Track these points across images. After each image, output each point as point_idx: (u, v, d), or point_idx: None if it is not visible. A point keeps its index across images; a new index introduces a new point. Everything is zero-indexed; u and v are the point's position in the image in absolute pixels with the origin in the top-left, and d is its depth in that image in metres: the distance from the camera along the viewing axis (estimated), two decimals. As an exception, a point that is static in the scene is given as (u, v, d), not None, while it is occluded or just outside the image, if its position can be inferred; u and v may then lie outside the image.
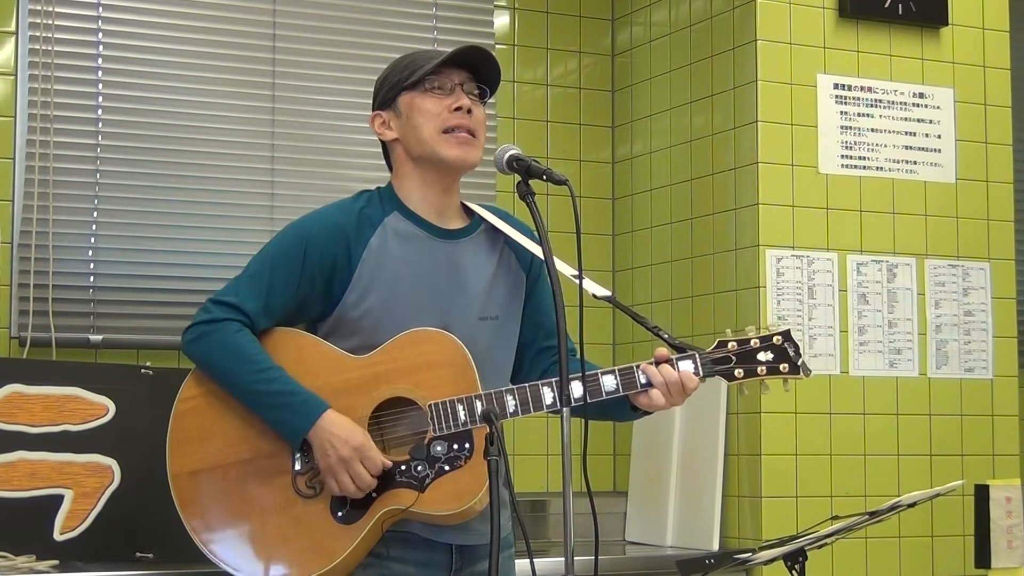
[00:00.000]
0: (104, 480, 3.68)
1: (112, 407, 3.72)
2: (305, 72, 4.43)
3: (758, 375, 2.70)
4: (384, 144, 2.87)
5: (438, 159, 2.74)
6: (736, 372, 2.70)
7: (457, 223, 2.82)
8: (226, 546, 2.67)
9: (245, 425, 2.69)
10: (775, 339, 2.71)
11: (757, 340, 2.71)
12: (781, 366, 2.70)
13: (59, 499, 3.63)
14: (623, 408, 2.74)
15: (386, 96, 2.81)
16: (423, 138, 2.74)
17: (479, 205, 2.89)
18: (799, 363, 2.71)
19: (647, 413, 2.76)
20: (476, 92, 2.80)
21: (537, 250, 2.79)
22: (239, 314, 2.69)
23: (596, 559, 2.62)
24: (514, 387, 2.66)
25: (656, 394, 2.67)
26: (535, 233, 2.88)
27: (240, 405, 2.69)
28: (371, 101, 2.91)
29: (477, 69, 2.80)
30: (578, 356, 2.87)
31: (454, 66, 2.77)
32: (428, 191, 2.78)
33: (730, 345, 2.71)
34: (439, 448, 2.63)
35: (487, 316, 2.76)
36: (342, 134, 4.45)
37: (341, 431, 2.61)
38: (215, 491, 2.69)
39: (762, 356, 2.70)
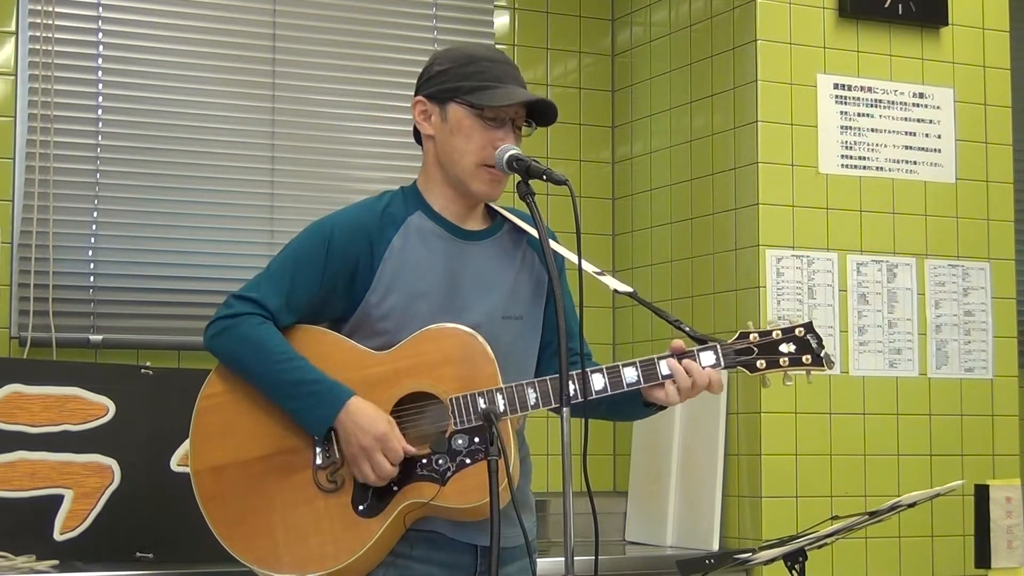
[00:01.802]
0: (104, 480, 3.68)
1: (112, 407, 3.72)
2: (305, 72, 4.43)
3: (780, 367, 2.68)
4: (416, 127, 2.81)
5: (466, 188, 2.74)
6: (758, 363, 2.68)
7: (480, 224, 2.81)
8: (247, 541, 2.66)
9: (267, 421, 2.69)
10: (797, 331, 2.70)
11: (779, 331, 2.69)
12: (804, 357, 2.68)
13: (59, 499, 3.63)
14: (635, 406, 2.74)
15: (439, 93, 2.74)
16: (458, 163, 2.72)
17: (502, 207, 2.88)
18: (822, 355, 2.69)
19: (660, 409, 2.75)
20: (524, 123, 2.76)
21: (560, 250, 2.79)
22: (261, 309, 2.68)
23: (596, 559, 2.62)
24: (535, 380, 2.66)
25: (673, 390, 2.67)
26: (556, 235, 2.89)
27: (261, 401, 2.69)
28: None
29: (535, 104, 2.76)
30: (592, 358, 2.88)
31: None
32: (451, 201, 2.77)
33: (752, 336, 2.70)
34: (460, 442, 2.63)
35: (510, 315, 2.76)
36: (342, 134, 4.45)
37: (364, 420, 2.60)
38: (236, 487, 2.68)
39: (784, 348, 2.69)
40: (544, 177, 2.58)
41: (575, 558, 2.34)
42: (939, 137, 4.42)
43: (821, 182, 4.25)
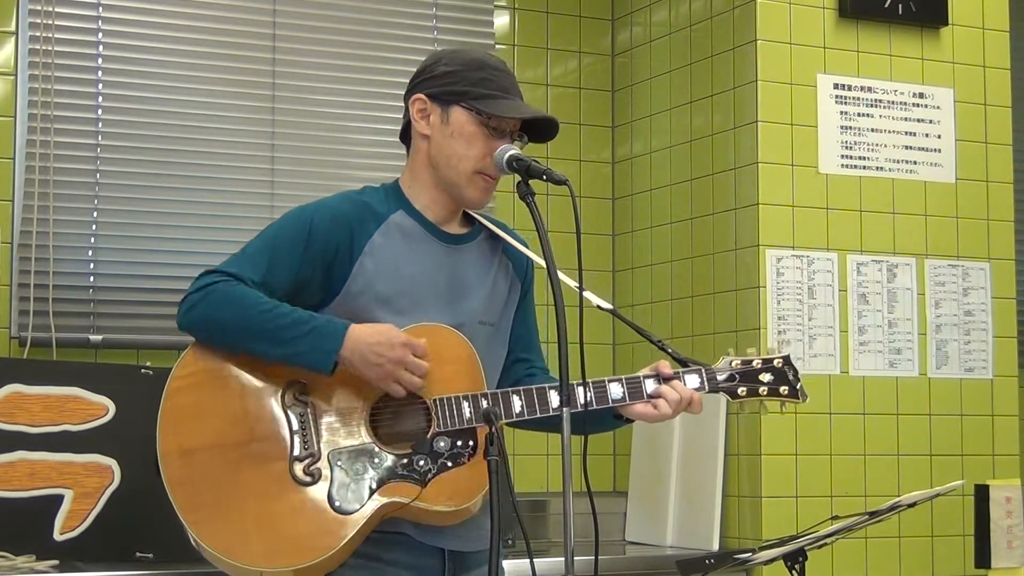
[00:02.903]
0: (104, 480, 3.68)
1: (112, 407, 3.73)
2: (305, 72, 4.43)
3: (759, 395, 2.75)
4: (407, 123, 2.79)
5: (458, 193, 2.73)
6: (739, 390, 2.75)
7: (460, 229, 2.81)
8: (215, 529, 2.59)
9: (243, 405, 2.63)
10: (776, 362, 2.76)
11: (759, 361, 2.76)
12: (781, 388, 2.76)
13: (59, 499, 3.63)
14: (605, 417, 2.75)
15: (442, 91, 2.71)
16: (455, 168, 2.70)
17: (478, 213, 2.87)
18: (797, 387, 2.76)
19: (629, 422, 2.76)
20: (520, 136, 2.75)
21: (535, 258, 2.78)
22: (235, 279, 2.63)
23: (596, 559, 2.62)
24: (520, 388, 2.65)
25: (663, 405, 2.67)
26: (527, 242, 2.88)
27: (238, 384, 2.63)
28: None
29: (533, 120, 2.75)
30: (549, 373, 2.87)
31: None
32: (435, 202, 2.76)
33: (733, 363, 2.76)
34: (442, 444, 2.61)
35: (486, 321, 2.76)
36: (342, 133, 4.45)
37: (380, 336, 2.56)
38: (207, 472, 2.61)
39: (764, 377, 2.75)
40: (544, 177, 2.57)
41: (575, 558, 2.34)
42: (939, 137, 4.42)
43: (821, 182, 4.25)
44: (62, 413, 3.68)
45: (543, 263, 2.65)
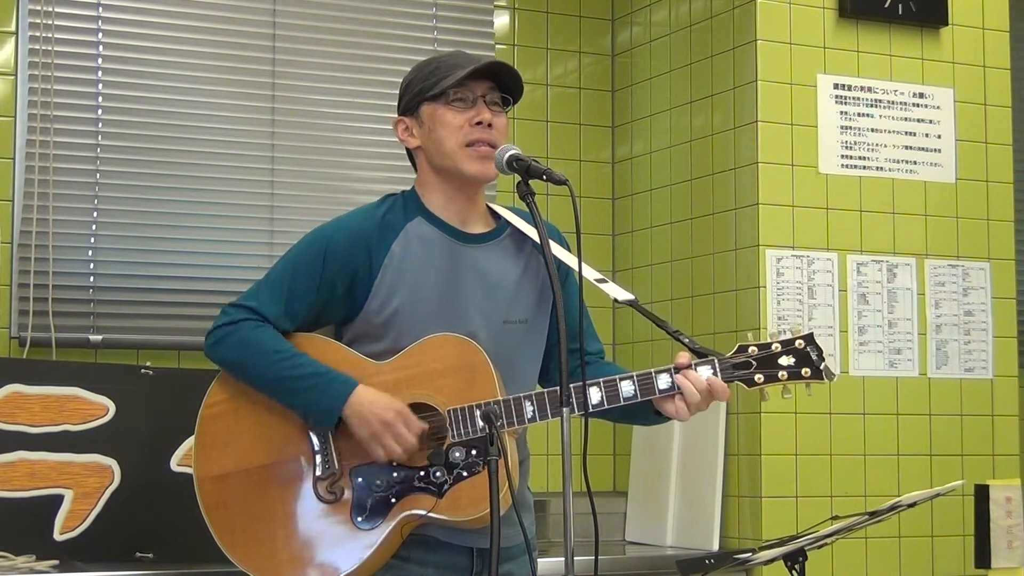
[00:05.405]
0: (104, 480, 3.68)
1: (112, 407, 3.73)
2: (305, 72, 4.43)
3: (779, 380, 2.65)
4: (407, 149, 2.87)
5: (459, 173, 2.75)
6: (756, 377, 2.65)
7: (482, 227, 2.82)
8: (248, 550, 2.69)
9: (268, 429, 2.71)
10: (797, 343, 2.66)
11: (779, 344, 2.66)
12: (803, 371, 2.65)
13: (59, 499, 3.63)
14: (647, 414, 2.74)
15: (409, 103, 2.80)
16: (445, 151, 2.74)
17: (505, 207, 2.88)
18: (821, 367, 2.65)
19: (669, 419, 2.74)
20: (498, 101, 2.79)
21: (562, 253, 2.80)
22: (258, 316, 2.71)
23: (596, 559, 2.62)
24: (532, 393, 2.66)
25: (682, 404, 2.65)
26: (561, 236, 2.89)
27: (263, 408, 2.71)
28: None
29: (500, 77, 2.79)
30: (605, 359, 2.88)
31: (477, 77, 2.76)
32: (451, 200, 2.79)
33: (751, 350, 2.67)
34: (457, 454, 2.64)
35: (513, 320, 2.77)
36: (342, 134, 4.45)
37: (380, 400, 2.63)
38: (238, 495, 2.71)
39: (784, 361, 2.66)
40: (544, 177, 2.58)
41: (575, 558, 2.34)
42: (939, 137, 4.42)
43: (821, 182, 4.25)
44: (62, 413, 3.67)
45: (572, 263, 2.67)
